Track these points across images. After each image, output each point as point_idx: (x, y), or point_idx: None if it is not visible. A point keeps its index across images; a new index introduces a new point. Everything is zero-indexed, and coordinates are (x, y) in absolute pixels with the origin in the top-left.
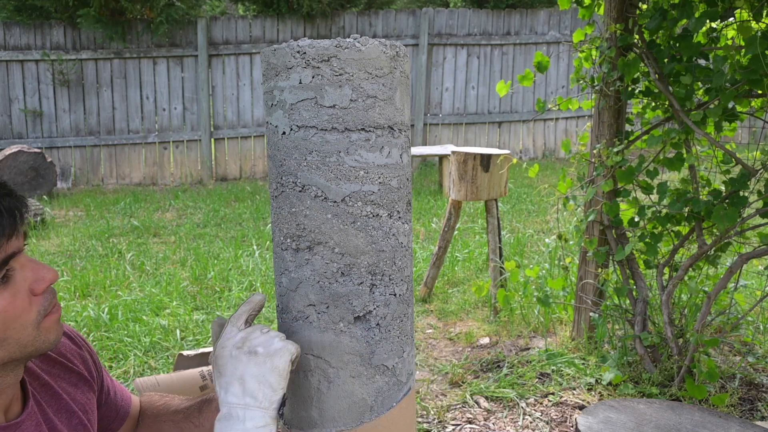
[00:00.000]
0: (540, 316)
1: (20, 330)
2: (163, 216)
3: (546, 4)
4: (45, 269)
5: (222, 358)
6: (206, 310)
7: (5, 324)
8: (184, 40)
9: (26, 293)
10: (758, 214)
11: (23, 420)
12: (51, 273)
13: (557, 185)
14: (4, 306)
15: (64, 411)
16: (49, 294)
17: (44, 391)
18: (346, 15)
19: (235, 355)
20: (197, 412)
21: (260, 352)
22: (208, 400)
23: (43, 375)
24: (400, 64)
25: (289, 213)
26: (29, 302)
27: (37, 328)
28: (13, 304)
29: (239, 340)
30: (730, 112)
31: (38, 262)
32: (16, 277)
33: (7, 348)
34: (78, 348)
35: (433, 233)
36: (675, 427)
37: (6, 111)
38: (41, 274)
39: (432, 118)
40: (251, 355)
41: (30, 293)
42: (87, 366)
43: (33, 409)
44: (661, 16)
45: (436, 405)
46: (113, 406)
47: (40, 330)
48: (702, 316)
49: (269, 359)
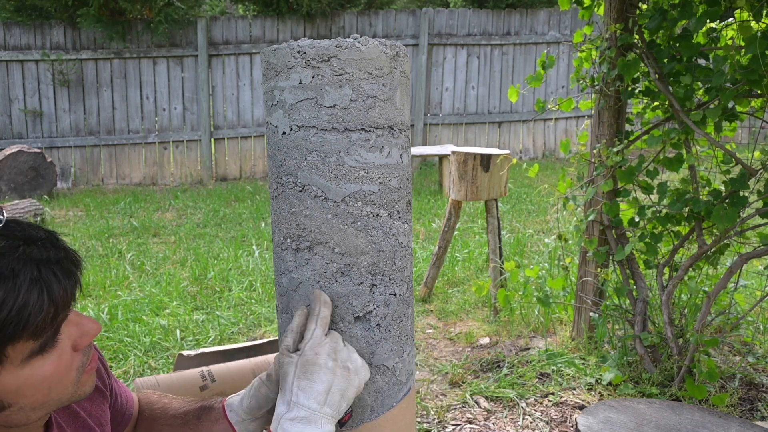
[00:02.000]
0: (540, 316)
1: (62, 390)
2: (163, 216)
3: (546, 4)
4: (89, 323)
5: (316, 365)
6: (206, 310)
7: (50, 388)
8: (184, 40)
9: (69, 351)
10: (758, 214)
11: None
12: (95, 327)
13: (557, 185)
14: (51, 371)
15: (82, 429)
16: (87, 348)
17: (63, 413)
18: (346, 15)
19: (331, 366)
20: (196, 419)
21: (350, 368)
22: (208, 407)
23: None
24: (400, 64)
25: (289, 213)
26: (71, 359)
27: (77, 384)
28: (58, 366)
29: (329, 349)
30: (730, 112)
31: (82, 316)
32: (62, 337)
33: (47, 408)
34: None
35: (433, 233)
36: (675, 427)
37: (6, 111)
38: (85, 330)
39: (432, 118)
40: (344, 370)
41: (72, 350)
42: (100, 376)
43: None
44: (661, 16)
45: (436, 405)
46: (119, 411)
47: (78, 385)
48: (702, 316)
49: (355, 376)
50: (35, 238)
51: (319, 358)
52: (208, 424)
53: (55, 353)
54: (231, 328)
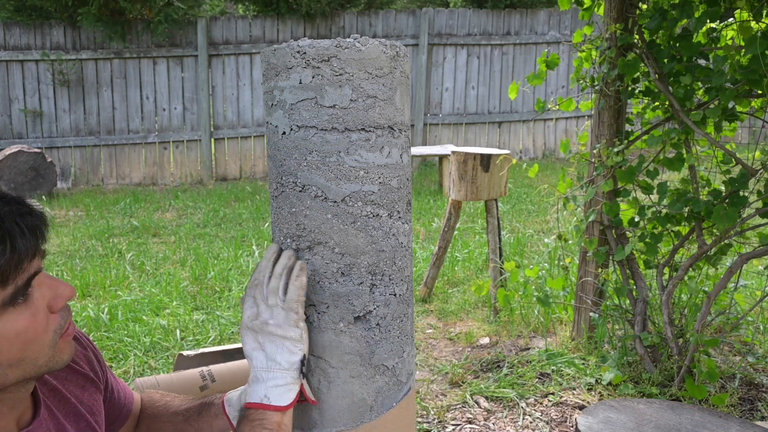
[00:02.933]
0: (540, 316)
1: (37, 350)
2: (163, 216)
3: (546, 4)
4: (62, 286)
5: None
6: (206, 310)
7: (24, 345)
8: (184, 40)
9: (44, 312)
10: (758, 214)
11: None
12: (68, 290)
13: (557, 185)
14: (24, 326)
15: (72, 415)
16: (65, 312)
17: (53, 396)
18: (346, 15)
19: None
20: (197, 414)
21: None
22: (208, 403)
23: (51, 380)
24: (400, 64)
25: (289, 213)
26: (46, 321)
27: (53, 347)
28: (33, 323)
29: (250, 315)
30: (730, 112)
31: (55, 279)
32: (35, 296)
33: (23, 368)
34: (83, 349)
35: (433, 233)
36: (675, 427)
37: (6, 111)
38: (59, 291)
39: (432, 118)
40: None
41: (47, 311)
42: (92, 367)
43: (44, 416)
44: (661, 16)
45: (436, 405)
46: (116, 406)
47: (55, 350)
48: (702, 316)
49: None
50: (2, 196)
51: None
52: (208, 420)
53: (29, 310)
54: (231, 328)
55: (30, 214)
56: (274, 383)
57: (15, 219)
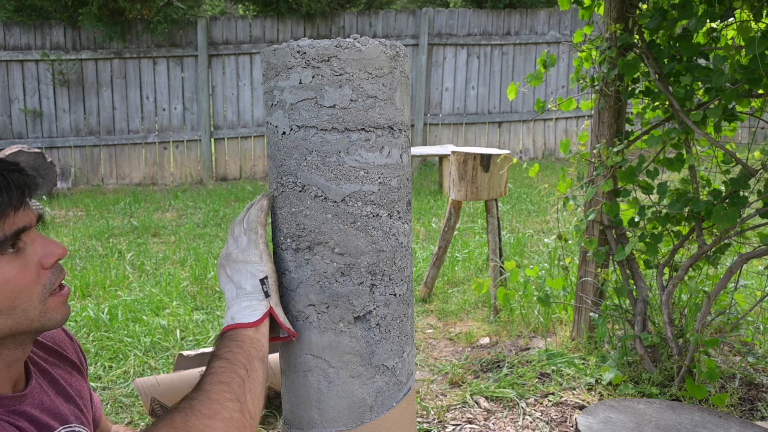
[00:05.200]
0: (540, 316)
1: (27, 301)
2: (163, 216)
3: (546, 4)
4: (54, 244)
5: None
6: (206, 310)
7: (14, 293)
8: (184, 40)
9: (35, 266)
10: (758, 214)
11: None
12: (60, 248)
13: (557, 185)
14: (13, 275)
15: (62, 395)
16: (56, 270)
17: (43, 376)
18: (346, 15)
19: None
20: None
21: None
22: None
23: (41, 361)
24: (400, 64)
25: (289, 213)
26: (37, 275)
27: (44, 303)
28: (22, 274)
29: (222, 253)
30: (730, 112)
31: (48, 238)
32: (27, 250)
33: (15, 317)
34: (70, 339)
35: (433, 233)
36: (675, 427)
37: (6, 111)
38: (50, 249)
39: (432, 118)
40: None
41: (39, 267)
42: (78, 357)
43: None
44: (661, 16)
45: (436, 405)
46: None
47: (46, 306)
48: (702, 316)
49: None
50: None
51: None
52: None
53: (19, 261)
54: None
55: (18, 171)
56: (239, 306)
57: (2, 173)
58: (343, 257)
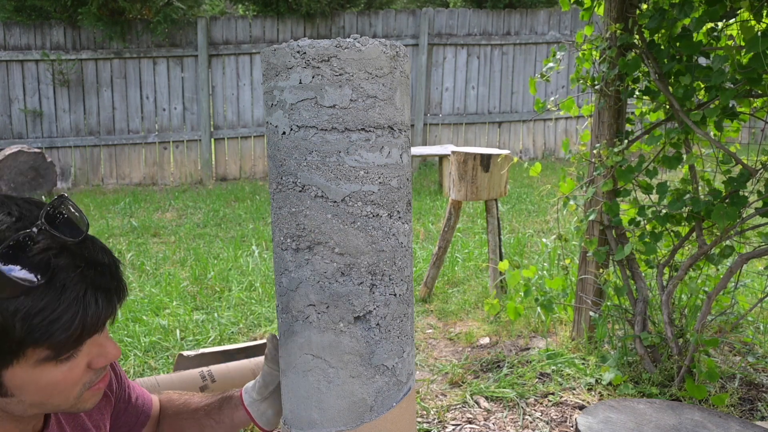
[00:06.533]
0: (540, 316)
1: (62, 399)
2: (163, 216)
3: (546, 4)
4: (110, 345)
5: None
6: (206, 310)
7: (51, 394)
8: (184, 40)
9: (83, 366)
10: (758, 214)
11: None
12: (115, 350)
13: (558, 185)
14: (58, 379)
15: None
16: (102, 368)
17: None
18: (346, 15)
19: None
20: (217, 409)
21: None
22: (228, 396)
23: None
24: (400, 64)
25: (289, 213)
26: (81, 375)
27: (78, 398)
28: (67, 377)
29: None
30: (729, 111)
31: (108, 338)
32: (82, 351)
33: (44, 409)
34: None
35: (433, 233)
36: (675, 427)
37: (6, 111)
38: (105, 350)
39: (432, 118)
40: None
41: (86, 366)
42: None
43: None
44: (661, 16)
45: (436, 405)
46: (134, 413)
47: (79, 400)
48: (702, 316)
49: None
50: (98, 262)
51: None
52: (228, 412)
53: (68, 365)
54: (231, 328)
55: (115, 289)
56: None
57: (96, 293)
58: (343, 257)
